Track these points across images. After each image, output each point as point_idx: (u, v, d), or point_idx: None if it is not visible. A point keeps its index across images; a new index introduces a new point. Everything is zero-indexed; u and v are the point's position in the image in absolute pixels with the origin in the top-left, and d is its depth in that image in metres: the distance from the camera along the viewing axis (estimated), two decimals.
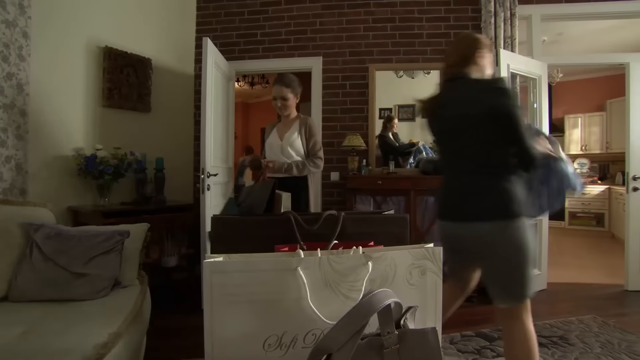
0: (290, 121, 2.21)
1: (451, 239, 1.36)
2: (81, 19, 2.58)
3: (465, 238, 1.29)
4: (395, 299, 0.67)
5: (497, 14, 2.99)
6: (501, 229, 1.22)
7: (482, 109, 1.22)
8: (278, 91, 2.12)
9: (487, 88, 1.26)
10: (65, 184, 2.50)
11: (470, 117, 1.24)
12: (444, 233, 1.39)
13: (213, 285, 0.79)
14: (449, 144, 1.36)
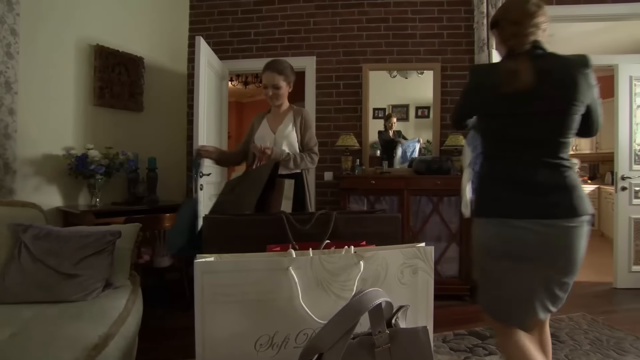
0: (282, 112, 1.99)
1: (528, 241, 1.06)
2: (72, 16, 2.55)
3: (550, 238, 1.06)
4: (386, 298, 0.67)
5: (489, 14, 3.02)
6: (586, 230, 1.09)
7: (581, 95, 1.06)
8: (269, 78, 1.90)
9: (583, 70, 1.08)
10: (55, 183, 2.47)
11: (567, 102, 1.06)
12: (513, 234, 1.07)
13: (204, 285, 0.79)
14: (524, 128, 1.09)
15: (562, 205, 1.06)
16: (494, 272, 1.12)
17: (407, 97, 3.29)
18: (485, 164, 1.21)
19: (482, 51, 3.02)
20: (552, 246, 1.07)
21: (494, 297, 1.14)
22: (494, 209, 1.12)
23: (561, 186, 1.08)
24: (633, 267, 3.04)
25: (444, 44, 3.21)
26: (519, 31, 1.12)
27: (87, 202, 2.61)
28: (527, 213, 1.07)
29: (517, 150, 1.11)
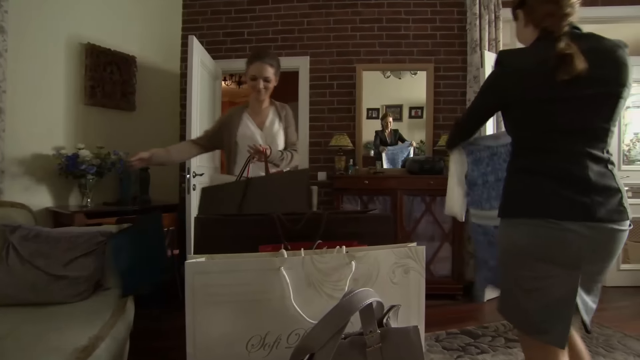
0: (264, 109, 1.85)
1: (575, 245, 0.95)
2: (62, 14, 2.52)
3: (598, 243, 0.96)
4: (377, 298, 0.67)
5: (482, 16, 3.05)
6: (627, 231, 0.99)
7: (630, 77, 0.97)
8: (260, 69, 1.71)
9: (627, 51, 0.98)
10: (45, 184, 2.44)
11: (619, 84, 0.96)
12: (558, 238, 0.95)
13: (195, 286, 0.78)
14: (573, 115, 0.97)
15: (612, 207, 0.95)
16: (529, 280, 0.99)
17: (400, 98, 3.31)
18: (521, 158, 1.05)
19: (475, 52, 3.04)
20: (599, 251, 0.97)
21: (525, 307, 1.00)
22: (536, 208, 0.98)
23: (611, 185, 0.97)
24: (622, 266, 3.09)
25: (437, 45, 3.23)
26: (556, 10, 0.99)
27: (78, 202, 2.58)
28: (577, 214, 0.94)
29: (564, 141, 0.98)
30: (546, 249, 0.97)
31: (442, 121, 3.22)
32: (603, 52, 0.96)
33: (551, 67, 0.93)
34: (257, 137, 1.78)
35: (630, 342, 2.02)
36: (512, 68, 1.02)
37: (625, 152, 3.22)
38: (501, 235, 1.07)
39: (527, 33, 1.09)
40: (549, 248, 0.96)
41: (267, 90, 1.77)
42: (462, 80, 3.19)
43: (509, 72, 1.02)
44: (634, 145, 3.33)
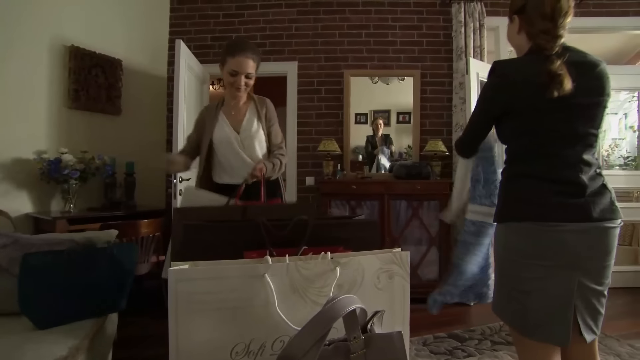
0: (241, 105, 1.66)
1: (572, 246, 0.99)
2: (45, 16, 2.48)
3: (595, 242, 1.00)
4: (359, 304, 0.68)
5: (467, 24, 3.12)
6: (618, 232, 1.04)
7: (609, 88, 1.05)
8: (242, 64, 1.53)
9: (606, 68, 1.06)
10: (25, 189, 2.38)
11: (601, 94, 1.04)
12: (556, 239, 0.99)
13: (178, 293, 0.77)
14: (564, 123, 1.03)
15: (605, 207, 1.01)
16: (528, 281, 1.02)
17: (388, 103, 3.34)
18: (518, 164, 1.10)
19: (461, 59, 3.10)
20: (597, 249, 1.01)
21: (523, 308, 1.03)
22: (535, 212, 1.01)
23: (602, 187, 1.04)
24: None
25: (423, 52, 3.29)
26: (551, 29, 1.04)
27: (60, 208, 2.52)
28: (574, 216, 0.99)
29: (558, 147, 1.04)
30: (545, 251, 1.00)
31: (429, 126, 3.26)
32: (588, 66, 1.04)
33: (543, 83, 0.99)
34: (232, 140, 1.60)
35: (610, 343, 2.07)
36: (509, 79, 1.07)
37: (605, 157, 3.33)
38: (500, 239, 1.10)
39: (519, 39, 1.13)
40: (548, 250, 1.00)
41: (248, 88, 1.61)
42: (448, 87, 3.25)
43: (508, 82, 1.07)
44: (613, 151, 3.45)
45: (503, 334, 2.22)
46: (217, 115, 1.63)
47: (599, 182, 1.03)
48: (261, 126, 1.65)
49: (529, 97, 1.03)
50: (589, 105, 1.03)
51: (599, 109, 1.04)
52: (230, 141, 1.60)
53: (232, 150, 1.61)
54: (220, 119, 1.63)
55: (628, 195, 3.36)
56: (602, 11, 3.21)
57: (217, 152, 1.64)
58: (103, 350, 1.39)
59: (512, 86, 1.06)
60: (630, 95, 3.38)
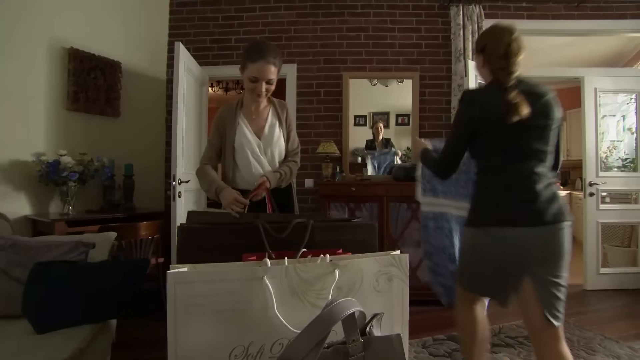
0: (261, 108, 1.61)
1: (527, 246, 1.20)
2: (44, 17, 2.48)
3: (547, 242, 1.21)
4: (358, 307, 0.68)
5: (466, 26, 3.13)
6: (569, 232, 1.25)
7: (557, 113, 1.29)
8: (263, 70, 1.45)
9: (553, 96, 1.31)
10: (23, 191, 2.37)
11: (549, 118, 1.27)
12: (515, 240, 1.21)
13: (177, 296, 0.77)
14: (521, 142, 1.25)
15: (555, 211, 1.21)
16: (489, 272, 1.27)
17: (387, 105, 3.35)
18: (486, 176, 1.32)
19: (459, 61, 3.11)
20: (549, 247, 1.21)
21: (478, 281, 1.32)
22: (499, 218, 1.24)
23: (553, 194, 1.24)
24: (601, 270, 3.18)
25: (422, 54, 3.30)
26: (506, 67, 1.27)
27: (58, 210, 2.52)
28: (530, 221, 1.21)
29: (518, 162, 1.26)
30: (506, 249, 1.23)
31: (428, 128, 3.27)
32: (538, 95, 1.26)
33: (504, 110, 1.21)
34: (254, 147, 1.56)
35: (610, 345, 2.07)
36: (476, 106, 1.29)
37: (603, 159, 3.33)
38: (468, 240, 1.34)
39: (484, 72, 1.38)
40: (508, 248, 1.22)
41: (269, 93, 1.55)
42: (446, 89, 3.26)
43: (476, 109, 1.29)
44: (611, 153, 3.45)
45: (502, 336, 2.22)
46: (237, 118, 1.58)
47: (551, 190, 1.24)
48: (282, 132, 1.62)
49: (492, 121, 1.25)
50: (540, 127, 1.25)
51: (548, 130, 1.27)
52: (252, 147, 1.56)
53: (253, 156, 1.56)
54: (240, 122, 1.57)
55: (626, 197, 3.36)
56: (600, 14, 3.22)
57: (236, 157, 1.58)
58: (102, 353, 1.39)
59: (480, 111, 1.27)
60: (628, 97, 3.39)
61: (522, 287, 1.23)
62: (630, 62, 4.63)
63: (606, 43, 4.23)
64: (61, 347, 1.16)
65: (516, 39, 1.28)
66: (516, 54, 1.27)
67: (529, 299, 1.22)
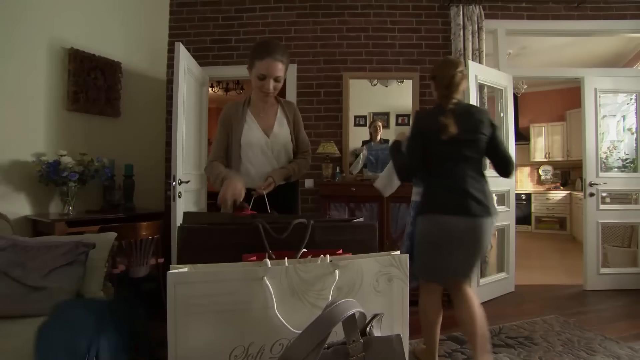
0: (268, 108, 1.60)
1: (452, 231, 1.58)
2: (44, 18, 2.48)
3: (471, 229, 1.58)
4: (359, 308, 0.68)
5: (466, 27, 3.13)
6: (492, 223, 1.65)
7: (485, 129, 1.64)
8: (271, 67, 1.44)
9: (488, 115, 1.69)
10: (23, 191, 2.37)
11: (478, 132, 1.63)
12: (445, 226, 1.59)
13: (177, 296, 0.77)
14: (456, 151, 1.62)
15: (482, 207, 1.59)
16: (432, 250, 1.64)
17: (387, 105, 3.35)
18: (430, 178, 1.70)
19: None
20: (473, 234, 1.59)
21: (430, 266, 1.67)
22: (437, 208, 1.62)
23: (482, 194, 1.61)
24: (601, 270, 3.18)
25: (422, 54, 3.30)
26: (448, 94, 1.66)
27: (59, 210, 2.52)
28: (461, 211, 1.58)
29: (454, 167, 1.63)
30: (443, 232, 1.60)
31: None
32: (471, 115, 1.65)
33: (440, 128, 1.60)
34: (263, 145, 1.55)
35: (610, 345, 2.07)
36: (423, 123, 1.69)
37: (603, 159, 3.33)
38: (419, 225, 1.70)
39: (434, 95, 1.76)
40: (444, 231, 1.60)
41: (276, 91, 1.53)
42: None
43: (423, 126, 1.69)
44: (611, 153, 3.45)
45: (502, 337, 2.22)
46: (244, 115, 1.56)
47: (481, 191, 1.61)
48: (290, 131, 1.62)
49: (433, 135, 1.62)
50: (471, 139, 1.62)
51: (478, 142, 1.63)
52: (260, 145, 1.55)
53: (262, 154, 1.56)
54: (248, 119, 1.56)
55: (626, 198, 3.36)
56: (600, 14, 3.22)
57: (243, 155, 1.56)
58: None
59: (425, 128, 1.66)
60: (628, 97, 3.39)
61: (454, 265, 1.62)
62: (630, 63, 4.63)
63: (606, 43, 4.24)
64: None
65: (459, 72, 1.65)
66: (458, 84, 1.65)
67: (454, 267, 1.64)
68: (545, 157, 6.47)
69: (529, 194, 6.36)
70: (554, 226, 6.13)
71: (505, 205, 3.18)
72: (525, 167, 6.68)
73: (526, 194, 6.35)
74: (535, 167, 6.66)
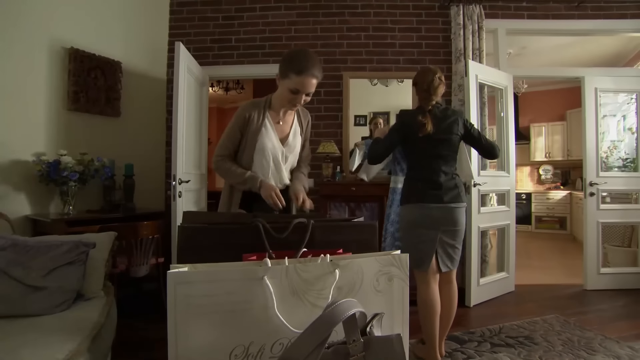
0: (288, 114, 1.61)
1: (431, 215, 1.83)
2: (44, 17, 2.48)
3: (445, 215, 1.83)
4: (360, 308, 0.68)
5: (466, 26, 3.13)
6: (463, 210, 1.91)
7: (457, 129, 1.89)
8: (306, 84, 1.42)
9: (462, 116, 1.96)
10: (23, 191, 2.37)
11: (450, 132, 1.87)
12: (427, 212, 1.83)
13: (177, 296, 0.77)
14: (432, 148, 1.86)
15: (452, 195, 1.84)
16: (414, 237, 1.86)
17: (388, 105, 3.35)
18: (410, 171, 1.94)
19: (459, 61, 3.11)
20: (448, 219, 1.83)
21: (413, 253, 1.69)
22: (417, 198, 1.85)
23: (454, 185, 1.86)
24: (601, 270, 3.18)
25: (422, 54, 3.29)
26: (427, 97, 1.88)
27: (59, 210, 2.52)
28: (435, 200, 1.82)
29: (430, 162, 1.87)
30: (421, 219, 1.84)
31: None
32: (444, 116, 1.88)
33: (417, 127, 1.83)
34: (277, 153, 1.56)
35: (610, 345, 2.07)
36: (405, 121, 1.92)
37: (603, 159, 3.33)
38: (401, 214, 1.94)
39: (416, 98, 1.99)
40: (422, 218, 1.83)
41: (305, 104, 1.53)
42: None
43: (404, 124, 1.91)
44: (611, 153, 3.45)
45: (503, 336, 2.22)
46: (264, 119, 1.54)
47: (452, 182, 1.86)
48: (300, 142, 1.65)
49: (413, 133, 1.85)
50: (445, 138, 1.86)
51: (452, 141, 1.88)
52: (275, 154, 1.55)
53: (275, 162, 1.56)
54: (267, 123, 1.54)
55: (627, 197, 3.36)
56: (600, 14, 3.22)
57: (256, 159, 1.55)
58: (102, 354, 1.39)
59: (406, 126, 1.89)
60: (629, 97, 3.39)
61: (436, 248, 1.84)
62: (630, 62, 4.62)
63: (607, 43, 4.23)
64: (61, 347, 1.15)
65: (437, 77, 1.87)
66: (436, 88, 1.87)
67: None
68: (545, 156, 6.47)
69: (529, 194, 6.36)
70: (554, 226, 6.13)
71: (505, 205, 3.18)
72: (525, 167, 6.68)
73: (526, 194, 6.35)
74: (536, 167, 6.65)
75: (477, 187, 2.86)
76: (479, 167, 2.94)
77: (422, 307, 1.85)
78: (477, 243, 2.87)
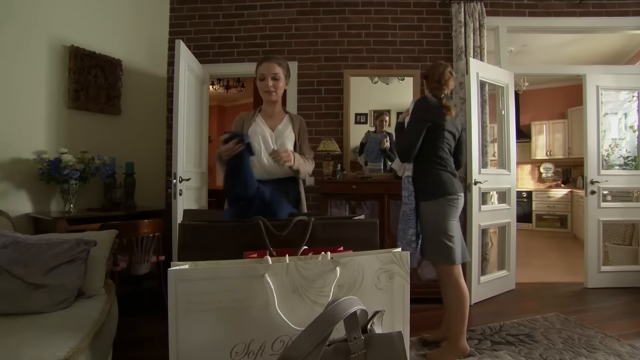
0: (277, 113, 1.77)
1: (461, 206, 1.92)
2: (45, 16, 2.48)
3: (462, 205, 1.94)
4: (360, 306, 0.68)
5: (467, 24, 3.11)
6: None
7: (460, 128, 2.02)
8: (268, 68, 1.66)
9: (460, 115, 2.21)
10: (24, 189, 2.38)
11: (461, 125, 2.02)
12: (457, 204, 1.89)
13: (178, 293, 0.77)
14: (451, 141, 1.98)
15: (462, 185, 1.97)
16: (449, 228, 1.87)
17: (388, 103, 3.34)
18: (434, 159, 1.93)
19: (460, 59, 3.10)
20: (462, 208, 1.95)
21: (452, 248, 1.86)
22: (450, 189, 1.89)
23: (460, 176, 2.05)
24: (602, 268, 3.17)
25: (423, 52, 3.29)
26: (438, 88, 1.97)
27: (60, 208, 2.52)
28: (461, 189, 1.93)
29: (447, 155, 1.96)
30: (454, 210, 1.89)
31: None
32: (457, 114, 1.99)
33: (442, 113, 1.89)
34: (267, 135, 1.68)
35: (610, 343, 2.07)
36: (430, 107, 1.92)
37: (605, 157, 3.32)
38: (432, 210, 1.90)
39: (427, 90, 2.03)
40: (455, 209, 1.89)
41: (277, 90, 1.69)
42: None
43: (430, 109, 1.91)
44: (612, 151, 3.44)
45: (503, 334, 2.22)
46: (254, 117, 1.74)
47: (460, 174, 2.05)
48: (294, 134, 1.75)
49: (437, 118, 1.89)
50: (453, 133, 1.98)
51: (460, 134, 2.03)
52: (264, 134, 1.68)
53: (265, 143, 1.67)
54: (256, 120, 1.73)
55: (628, 195, 3.36)
56: (602, 11, 3.21)
57: None
58: (103, 351, 1.39)
59: (431, 112, 1.91)
60: (630, 95, 3.38)
61: None
62: (632, 60, 4.61)
63: (608, 41, 4.22)
64: (62, 345, 1.16)
65: (448, 71, 1.95)
66: (447, 80, 1.95)
67: None
68: (546, 154, 6.46)
69: (530, 192, 6.35)
70: (555, 224, 6.13)
71: (506, 203, 3.18)
72: (526, 165, 6.67)
73: (527, 192, 6.35)
74: (537, 165, 6.64)
75: (478, 185, 2.86)
76: (480, 165, 2.93)
77: (463, 301, 1.88)
78: (477, 241, 2.87)
